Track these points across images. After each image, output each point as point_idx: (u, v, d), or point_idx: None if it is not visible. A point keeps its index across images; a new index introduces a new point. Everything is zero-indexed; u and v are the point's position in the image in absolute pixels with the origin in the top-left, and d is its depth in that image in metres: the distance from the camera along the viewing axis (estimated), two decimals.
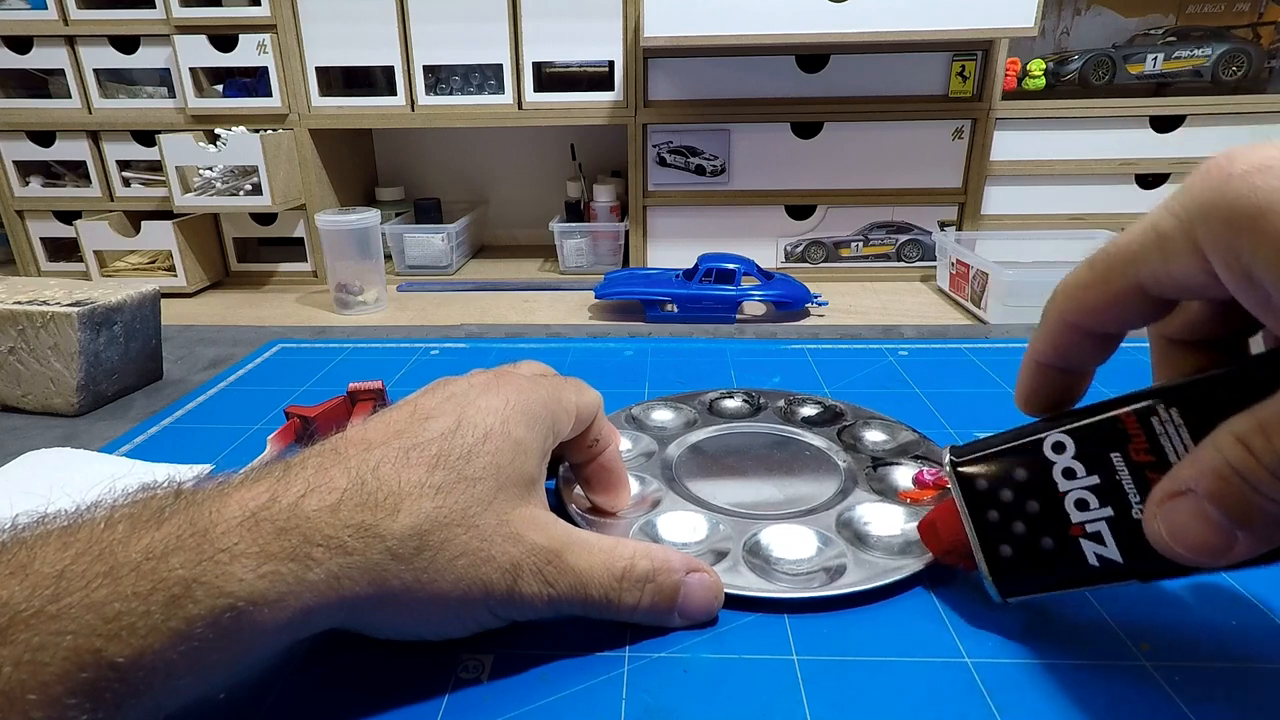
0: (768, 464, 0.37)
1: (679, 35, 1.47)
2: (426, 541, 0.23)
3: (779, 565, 0.29)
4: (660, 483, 0.35)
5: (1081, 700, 0.23)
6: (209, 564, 0.20)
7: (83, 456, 0.39)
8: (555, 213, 1.96)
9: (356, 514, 0.22)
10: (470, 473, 0.24)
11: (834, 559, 0.29)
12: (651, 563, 0.26)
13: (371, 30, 1.66)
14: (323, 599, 0.21)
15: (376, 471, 0.23)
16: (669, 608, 0.26)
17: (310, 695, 0.24)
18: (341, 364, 0.53)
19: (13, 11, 1.68)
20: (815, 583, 0.28)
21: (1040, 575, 0.25)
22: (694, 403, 0.43)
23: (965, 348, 0.54)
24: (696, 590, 0.27)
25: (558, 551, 0.25)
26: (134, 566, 0.19)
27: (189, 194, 1.70)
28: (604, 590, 0.26)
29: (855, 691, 0.24)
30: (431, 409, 0.26)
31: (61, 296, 0.46)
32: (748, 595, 0.28)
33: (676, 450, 0.38)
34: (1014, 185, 1.74)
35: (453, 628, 0.25)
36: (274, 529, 0.21)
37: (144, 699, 0.19)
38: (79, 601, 0.18)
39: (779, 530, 0.31)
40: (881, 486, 0.34)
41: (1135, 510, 0.22)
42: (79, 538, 0.19)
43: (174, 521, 0.20)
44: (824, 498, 0.34)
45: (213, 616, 0.19)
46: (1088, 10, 1.84)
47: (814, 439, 0.39)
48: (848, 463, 0.37)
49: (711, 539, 0.31)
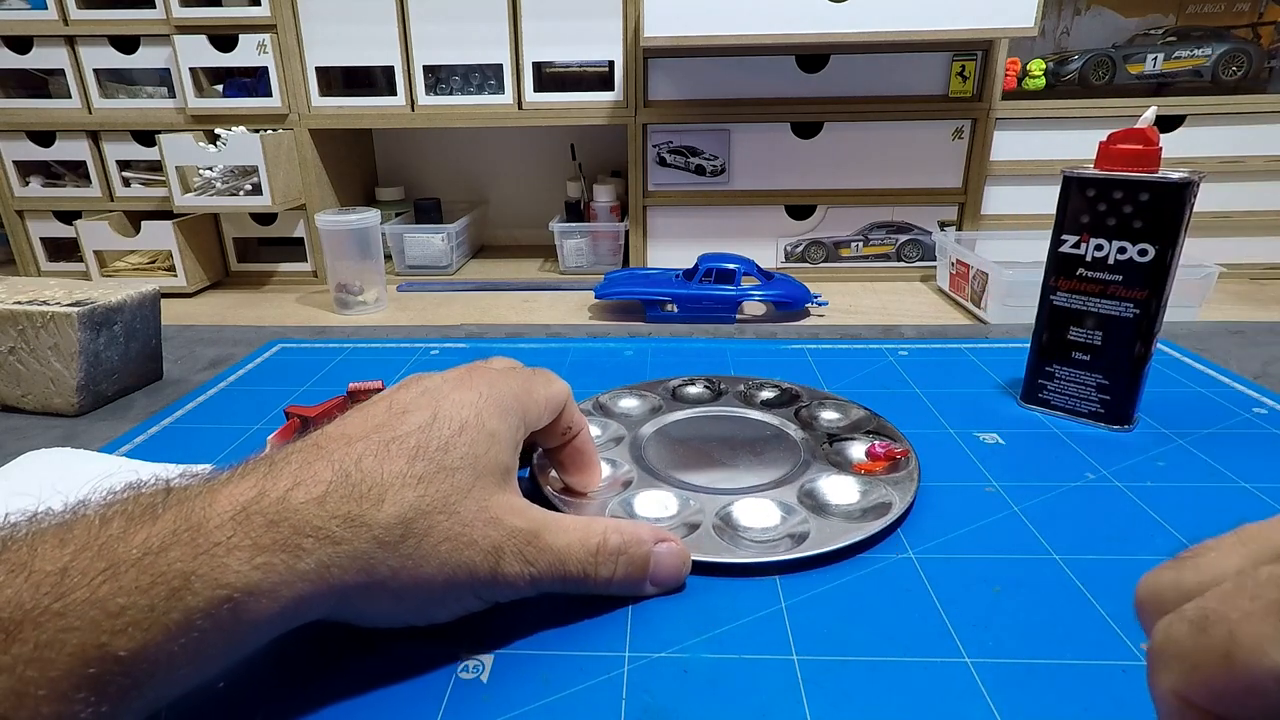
0: (731, 444, 0.39)
1: (679, 35, 1.47)
2: (411, 529, 0.23)
3: (747, 534, 0.31)
4: (631, 464, 0.37)
5: (1082, 700, 0.23)
6: (205, 557, 0.20)
7: (83, 457, 0.39)
8: (555, 213, 1.96)
9: (343, 505, 0.23)
10: (449, 463, 0.25)
11: (797, 526, 0.32)
12: (622, 537, 0.28)
13: (371, 30, 1.66)
14: (314, 587, 0.22)
15: (360, 464, 0.24)
16: (641, 577, 0.28)
17: (311, 695, 0.24)
18: (341, 364, 0.53)
19: (13, 11, 1.68)
20: (781, 548, 0.30)
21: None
22: (658, 390, 0.45)
23: (965, 348, 0.54)
24: (666, 559, 0.29)
25: (536, 533, 0.26)
26: (134, 562, 0.19)
27: (189, 194, 1.70)
28: (581, 565, 0.27)
29: (855, 691, 0.24)
30: (408, 403, 0.27)
31: (61, 296, 0.46)
32: (720, 562, 0.30)
33: (644, 434, 0.40)
34: (1014, 185, 1.74)
35: (439, 612, 0.26)
36: (265, 522, 0.21)
37: (146, 690, 0.19)
38: (83, 598, 0.18)
39: (746, 503, 0.33)
40: (838, 459, 0.37)
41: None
42: (75, 535, 0.20)
43: (168, 517, 0.21)
44: (785, 472, 0.36)
45: (211, 607, 0.20)
46: (1088, 10, 1.84)
47: (772, 419, 0.41)
48: (805, 439, 0.39)
49: (683, 514, 0.33)
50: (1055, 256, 0.41)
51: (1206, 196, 0.40)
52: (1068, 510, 0.34)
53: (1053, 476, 0.37)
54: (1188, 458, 0.38)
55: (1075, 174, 0.39)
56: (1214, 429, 0.41)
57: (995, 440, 0.40)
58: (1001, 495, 0.35)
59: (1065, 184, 0.40)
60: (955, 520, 0.33)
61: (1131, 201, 0.38)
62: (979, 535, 0.32)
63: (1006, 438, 0.41)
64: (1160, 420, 0.42)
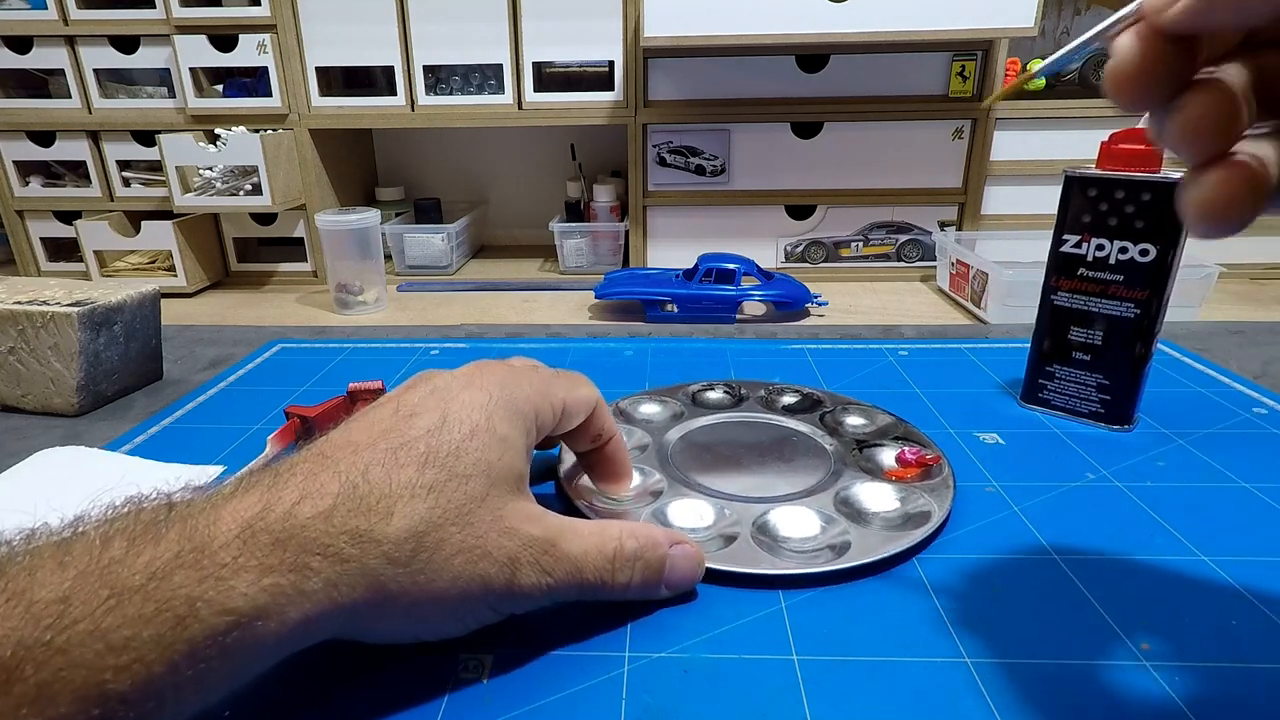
0: (759, 451, 0.39)
1: (679, 35, 1.47)
2: (423, 543, 0.23)
3: (786, 544, 0.31)
4: (659, 473, 0.36)
5: (1081, 700, 0.23)
6: (212, 581, 0.19)
7: (94, 456, 0.39)
8: (555, 213, 1.96)
9: (350, 520, 0.22)
10: (461, 470, 0.24)
11: (838, 536, 0.31)
12: (638, 541, 0.27)
13: (371, 30, 1.66)
14: (321, 608, 0.21)
15: (367, 474, 0.23)
16: (658, 581, 0.28)
17: (311, 695, 0.24)
18: (341, 364, 0.53)
19: (13, 11, 1.68)
20: (822, 559, 0.29)
21: None
22: (678, 395, 0.44)
23: (965, 348, 0.54)
24: (681, 561, 0.28)
25: (553, 540, 0.25)
26: (138, 589, 0.18)
27: (189, 194, 1.70)
28: (599, 572, 0.26)
29: (855, 691, 0.24)
30: (415, 405, 0.26)
31: (61, 296, 0.46)
32: (765, 574, 0.29)
33: (670, 441, 0.39)
34: (1014, 185, 1.74)
35: (452, 627, 0.25)
36: (270, 540, 0.21)
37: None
38: (86, 631, 0.17)
39: (783, 512, 0.32)
40: (869, 466, 0.36)
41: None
42: (75, 557, 0.19)
43: (170, 537, 0.20)
44: (817, 479, 0.35)
45: (218, 634, 0.19)
46: (1088, 10, 1.84)
47: (798, 425, 0.41)
48: (834, 446, 0.38)
49: (720, 524, 0.32)
50: (1056, 256, 0.41)
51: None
52: (1068, 510, 0.34)
53: (1053, 476, 0.37)
54: (1188, 458, 0.38)
55: (1077, 174, 0.39)
56: (1214, 429, 0.41)
57: (995, 440, 0.40)
58: (1001, 495, 0.35)
59: (1067, 184, 0.40)
60: (955, 520, 0.33)
61: (1133, 201, 0.38)
62: (979, 535, 0.32)
63: (1006, 438, 0.41)
64: (1160, 420, 0.42)
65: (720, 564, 0.29)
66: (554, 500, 0.35)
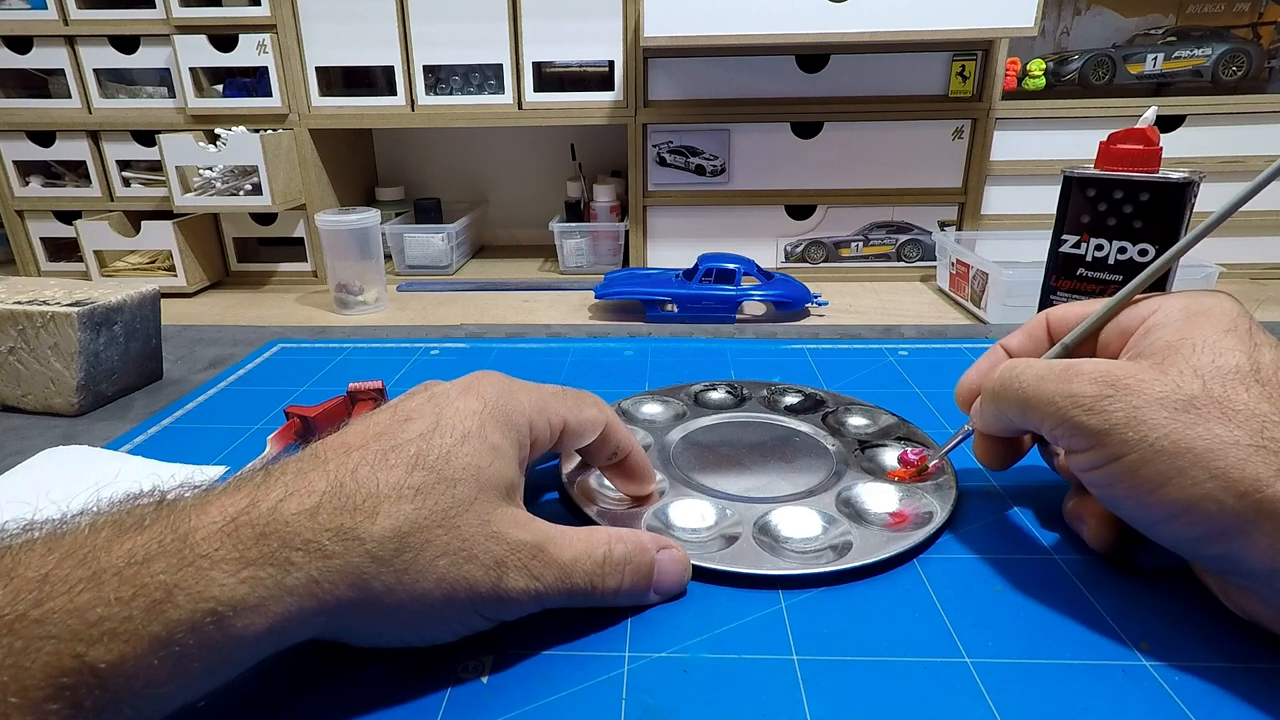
0: (761, 451, 0.39)
1: (679, 35, 1.47)
2: (406, 543, 0.23)
3: (788, 544, 0.31)
4: (662, 473, 0.36)
5: (1081, 700, 0.23)
6: (190, 570, 0.20)
7: (98, 455, 0.39)
8: (555, 213, 1.96)
9: (335, 517, 0.22)
10: (450, 474, 0.24)
11: (840, 536, 0.31)
12: (626, 546, 0.27)
13: (371, 30, 1.66)
14: (303, 603, 0.21)
15: (355, 474, 0.23)
16: (646, 586, 0.28)
17: (310, 695, 0.24)
18: (341, 364, 0.53)
19: (13, 11, 1.68)
20: (823, 559, 0.30)
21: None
22: (680, 395, 0.44)
23: (965, 348, 0.54)
24: (668, 566, 0.28)
25: (541, 545, 0.26)
26: (116, 571, 0.19)
27: (189, 194, 1.70)
28: (588, 578, 0.26)
29: (855, 691, 0.24)
30: (412, 410, 0.26)
31: (61, 296, 0.46)
32: (766, 574, 0.29)
33: (672, 442, 0.39)
34: (1014, 185, 1.74)
35: (439, 631, 0.25)
36: (253, 534, 0.21)
37: (124, 707, 0.19)
38: (62, 606, 0.18)
39: (784, 512, 0.32)
40: (871, 466, 0.36)
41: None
42: (63, 543, 0.19)
43: (155, 528, 0.20)
44: (819, 480, 0.35)
45: (194, 621, 0.19)
46: (1088, 10, 1.84)
47: (800, 425, 0.41)
48: (836, 446, 0.38)
49: (721, 524, 0.32)
50: (1056, 256, 0.41)
51: (1207, 196, 0.40)
52: None
53: (1053, 476, 0.37)
54: None
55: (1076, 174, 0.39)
56: None
57: None
58: (1002, 495, 0.35)
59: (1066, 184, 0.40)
60: (955, 520, 0.33)
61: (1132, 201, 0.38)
62: (979, 535, 0.32)
63: None
64: None
65: (721, 564, 0.29)
66: (557, 506, 0.35)
